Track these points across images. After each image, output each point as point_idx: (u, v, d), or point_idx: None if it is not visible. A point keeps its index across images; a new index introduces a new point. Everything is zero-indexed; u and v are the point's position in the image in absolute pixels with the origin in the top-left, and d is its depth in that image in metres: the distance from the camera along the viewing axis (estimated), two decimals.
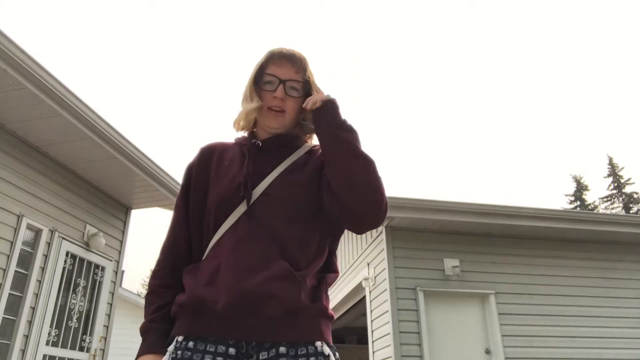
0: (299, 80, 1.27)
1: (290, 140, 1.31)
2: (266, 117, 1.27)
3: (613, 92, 49.12)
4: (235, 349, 1.03)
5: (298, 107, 1.28)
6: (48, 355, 4.80)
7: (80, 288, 5.35)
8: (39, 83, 4.05)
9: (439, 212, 6.37)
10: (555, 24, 50.47)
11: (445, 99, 56.50)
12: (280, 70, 1.26)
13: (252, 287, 1.03)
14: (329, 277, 1.19)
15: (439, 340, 6.19)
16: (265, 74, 1.27)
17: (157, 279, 1.20)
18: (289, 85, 1.25)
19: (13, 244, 4.45)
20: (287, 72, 1.26)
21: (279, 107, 1.25)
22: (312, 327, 1.07)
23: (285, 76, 1.25)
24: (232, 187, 1.17)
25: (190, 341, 1.05)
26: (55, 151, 4.97)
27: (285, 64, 1.27)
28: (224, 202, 1.16)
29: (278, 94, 1.24)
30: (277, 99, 1.24)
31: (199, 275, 1.11)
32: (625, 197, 29.82)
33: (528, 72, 52.53)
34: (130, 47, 61.13)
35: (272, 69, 1.27)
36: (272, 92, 1.25)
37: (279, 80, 1.25)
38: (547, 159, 52.92)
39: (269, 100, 1.25)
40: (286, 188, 1.17)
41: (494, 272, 6.64)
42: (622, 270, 7.03)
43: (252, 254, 1.08)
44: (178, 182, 5.94)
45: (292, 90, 1.26)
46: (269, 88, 1.26)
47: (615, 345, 6.54)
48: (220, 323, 1.04)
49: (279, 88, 1.24)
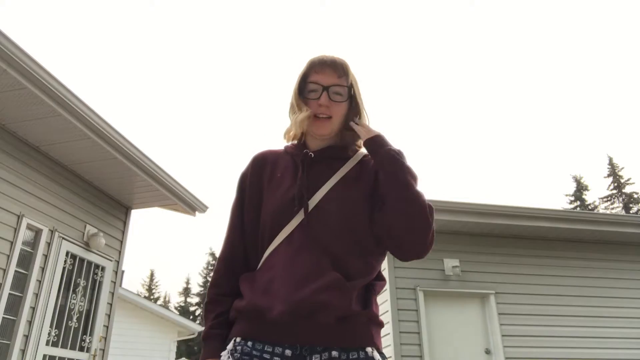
0: (343, 85, 1.28)
1: (341, 151, 1.32)
2: (314, 125, 1.28)
3: (613, 92, 49.13)
4: (291, 350, 1.07)
5: (344, 111, 1.30)
6: (48, 355, 4.80)
7: (80, 288, 5.35)
8: (39, 83, 4.05)
9: (439, 212, 6.35)
10: (555, 24, 50.47)
11: (446, 98, 56.51)
12: (322, 77, 1.27)
13: (306, 297, 1.07)
14: (377, 285, 1.23)
15: (439, 340, 6.19)
16: (308, 83, 1.29)
17: (215, 288, 1.24)
18: (332, 91, 1.27)
19: (13, 244, 4.45)
20: (329, 78, 1.27)
21: (324, 114, 1.27)
22: (363, 333, 1.11)
23: (327, 82, 1.27)
24: (286, 199, 1.20)
25: (249, 341, 1.10)
26: (55, 151, 4.97)
27: (326, 71, 1.28)
28: (279, 214, 1.19)
29: (323, 101, 1.25)
30: (322, 107, 1.26)
31: (256, 284, 1.16)
32: (625, 197, 29.82)
33: (528, 72, 52.55)
34: (130, 47, 61.12)
35: (314, 77, 1.29)
36: (316, 100, 1.27)
37: (322, 87, 1.26)
38: (547, 159, 52.94)
39: (315, 108, 1.27)
40: (339, 202, 1.19)
41: (494, 272, 6.64)
42: (622, 270, 7.03)
43: (305, 265, 1.12)
44: (178, 182, 5.94)
45: (336, 96, 1.27)
46: (313, 96, 1.28)
47: (615, 345, 6.54)
48: (275, 329, 1.08)
49: (323, 95, 1.26)
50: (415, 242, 1.15)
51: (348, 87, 1.29)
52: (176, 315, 14.83)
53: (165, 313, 14.21)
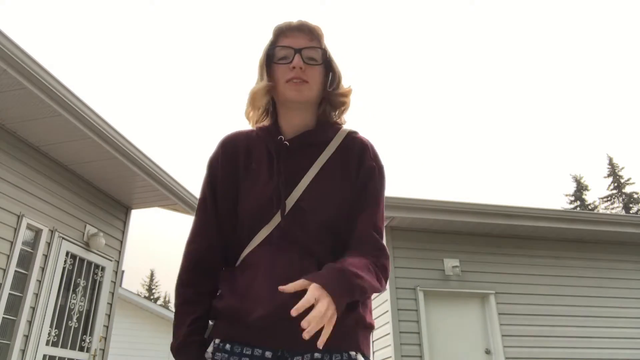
0: (317, 47, 1.17)
1: (320, 133, 1.20)
2: (287, 91, 1.14)
3: (613, 92, 49.12)
4: (272, 352, 1.04)
5: (321, 77, 1.18)
6: (48, 355, 4.80)
7: (80, 288, 5.35)
8: (39, 83, 4.05)
9: (439, 212, 6.37)
10: (555, 24, 50.46)
11: (446, 98, 56.50)
12: (292, 40, 1.17)
13: (286, 300, 1.00)
14: None
15: (439, 340, 6.19)
16: (277, 48, 1.17)
17: (191, 287, 1.14)
18: (306, 55, 1.15)
19: (13, 244, 4.45)
20: (301, 41, 1.16)
21: (299, 78, 1.13)
22: (348, 336, 1.05)
23: (300, 45, 1.15)
24: (264, 199, 1.12)
25: (227, 344, 1.06)
26: (55, 151, 4.97)
27: (296, 34, 1.17)
28: (258, 215, 1.12)
29: (296, 62, 1.13)
30: (295, 69, 1.13)
31: (235, 286, 1.10)
32: (625, 197, 29.80)
33: (528, 72, 52.54)
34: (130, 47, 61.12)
35: (283, 41, 1.18)
36: (288, 64, 1.14)
37: (294, 50, 1.14)
38: (547, 159, 52.94)
39: (287, 73, 1.14)
40: (318, 199, 1.11)
41: (494, 272, 6.64)
42: (622, 270, 7.03)
43: (285, 268, 1.06)
44: (178, 182, 5.94)
45: (311, 60, 1.16)
46: (284, 62, 1.16)
47: (615, 345, 6.54)
48: (255, 332, 1.04)
49: (295, 57, 1.14)
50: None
51: (322, 49, 1.18)
52: None
53: (165, 313, 14.21)
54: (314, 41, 1.17)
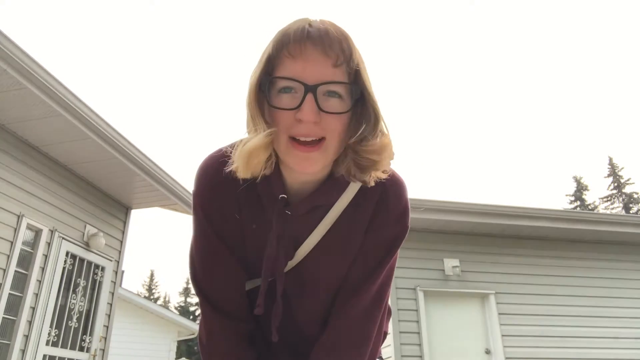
0: (341, 82, 0.75)
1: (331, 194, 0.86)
2: (289, 157, 0.77)
3: (613, 92, 49.11)
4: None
5: (344, 126, 0.77)
6: (48, 355, 4.80)
7: (80, 288, 5.35)
8: (39, 83, 4.04)
9: (439, 212, 6.37)
10: (555, 25, 50.46)
11: (446, 98, 56.51)
12: (303, 66, 0.73)
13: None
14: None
15: (439, 340, 6.19)
16: (275, 79, 0.76)
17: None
18: (324, 92, 0.74)
19: (13, 244, 4.45)
20: (318, 68, 0.73)
21: (310, 136, 0.74)
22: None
23: (314, 77, 0.73)
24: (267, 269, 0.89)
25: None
26: (55, 151, 4.96)
27: (312, 54, 0.74)
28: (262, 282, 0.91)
29: (307, 113, 0.72)
30: (304, 124, 0.73)
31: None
32: (625, 197, 29.80)
33: (529, 72, 52.52)
34: (130, 46, 61.12)
35: (287, 66, 0.74)
36: (294, 110, 0.74)
37: (305, 87, 0.73)
38: (547, 159, 52.94)
39: (290, 124, 0.74)
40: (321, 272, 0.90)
41: (494, 272, 6.64)
42: (622, 270, 7.02)
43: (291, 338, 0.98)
44: (178, 182, 5.94)
45: (332, 99, 0.74)
46: (287, 103, 0.75)
47: (615, 345, 6.54)
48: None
49: (306, 101, 0.72)
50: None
51: (351, 84, 0.76)
52: (176, 315, 14.84)
53: (165, 313, 14.21)
54: (339, 68, 0.74)
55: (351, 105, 0.76)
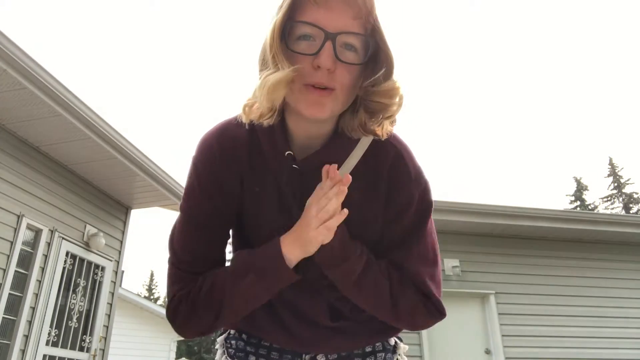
0: (359, 33, 0.76)
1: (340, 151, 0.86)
2: (301, 103, 0.77)
3: (613, 92, 49.11)
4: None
5: (355, 80, 0.78)
6: (48, 355, 4.80)
7: (80, 288, 5.35)
8: (39, 83, 4.04)
9: (439, 212, 6.36)
10: (556, 25, 50.45)
11: (446, 98, 56.51)
12: (325, 14, 0.75)
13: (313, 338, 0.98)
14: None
15: (439, 340, 6.19)
16: (297, 24, 0.76)
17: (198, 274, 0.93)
18: (341, 43, 0.76)
19: (13, 244, 4.45)
20: (339, 17, 0.75)
21: (323, 84, 0.76)
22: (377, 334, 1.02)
23: (335, 26, 0.75)
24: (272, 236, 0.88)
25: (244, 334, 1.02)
26: (55, 151, 4.96)
27: (334, 3, 0.75)
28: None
29: (324, 59, 0.74)
30: (321, 70, 0.75)
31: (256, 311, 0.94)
32: (625, 197, 29.80)
33: (529, 72, 52.52)
34: (130, 46, 61.13)
35: (310, 12, 0.75)
36: (312, 56, 0.75)
37: (325, 34, 0.74)
38: (547, 159, 52.94)
39: (307, 72, 0.76)
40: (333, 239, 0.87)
41: (494, 272, 6.63)
42: (622, 270, 7.02)
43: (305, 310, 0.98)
44: (178, 182, 5.93)
45: (348, 52, 0.76)
46: (305, 48, 0.76)
47: (615, 345, 6.54)
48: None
49: (325, 48, 0.74)
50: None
51: (367, 36, 0.77)
52: None
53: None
54: (359, 20, 0.76)
55: (365, 59, 0.78)
